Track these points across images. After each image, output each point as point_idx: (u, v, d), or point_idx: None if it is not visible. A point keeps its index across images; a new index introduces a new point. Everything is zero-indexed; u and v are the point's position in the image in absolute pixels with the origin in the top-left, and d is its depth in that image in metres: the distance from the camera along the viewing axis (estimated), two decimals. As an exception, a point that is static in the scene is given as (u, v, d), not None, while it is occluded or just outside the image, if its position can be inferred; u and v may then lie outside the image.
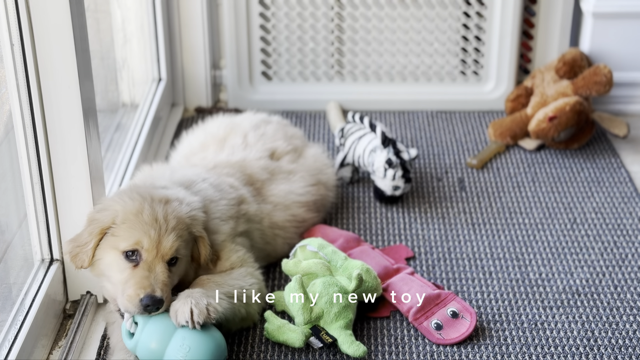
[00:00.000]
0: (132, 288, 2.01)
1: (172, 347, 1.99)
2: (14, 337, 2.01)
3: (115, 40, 2.99)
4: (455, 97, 3.43)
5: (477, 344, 2.21)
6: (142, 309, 2.00)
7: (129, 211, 2.07)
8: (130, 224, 2.05)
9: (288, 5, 3.32)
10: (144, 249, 2.04)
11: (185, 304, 2.01)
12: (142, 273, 2.02)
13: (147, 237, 2.04)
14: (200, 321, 1.99)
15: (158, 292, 2.01)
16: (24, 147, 2.13)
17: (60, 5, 2.01)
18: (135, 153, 2.83)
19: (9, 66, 2.06)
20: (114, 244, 2.06)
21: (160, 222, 2.06)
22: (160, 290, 2.01)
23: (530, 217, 2.74)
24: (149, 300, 1.99)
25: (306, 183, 2.61)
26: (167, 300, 2.03)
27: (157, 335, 2.00)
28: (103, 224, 2.07)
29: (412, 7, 3.32)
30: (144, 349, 2.01)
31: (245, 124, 2.73)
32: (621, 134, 3.10)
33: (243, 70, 3.41)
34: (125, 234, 2.05)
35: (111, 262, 2.07)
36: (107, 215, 2.08)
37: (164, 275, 2.04)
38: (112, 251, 2.06)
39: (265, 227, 2.44)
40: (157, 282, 2.02)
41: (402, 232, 2.68)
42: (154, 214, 2.06)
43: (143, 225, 2.05)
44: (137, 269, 2.03)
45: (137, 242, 2.04)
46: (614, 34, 3.29)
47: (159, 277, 2.03)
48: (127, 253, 2.05)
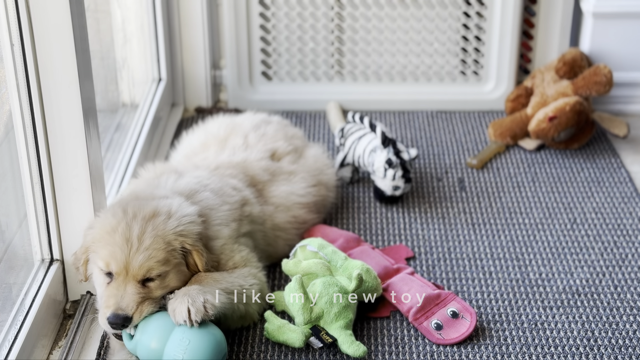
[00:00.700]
0: (102, 306, 2.05)
1: (171, 345, 1.99)
2: (14, 337, 2.01)
3: (115, 40, 2.99)
4: (455, 97, 3.43)
5: (477, 344, 2.21)
6: (110, 327, 2.03)
7: (104, 230, 2.09)
8: (103, 243, 2.07)
9: (288, 5, 3.32)
10: (113, 270, 2.05)
11: (183, 303, 2.01)
12: (110, 291, 2.05)
13: (113, 258, 2.05)
14: (198, 319, 2.00)
15: (121, 311, 2.01)
16: (24, 147, 2.13)
17: (60, 5, 2.01)
18: (135, 153, 2.83)
19: (9, 66, 2.06)
20: (94, 259, 2.10)
21: (133, 241, 2.05)
22: (126, 307, 2.02)
23: (530, 217, 2.74)
24: (112, 319, 2.01)
25: (307, 184, 2.61)
26: (139, 315, 2.03)
27: (157, 334, 2.01)
28: (87, 242, 2.12)
29: (412, 7, 3.32)
30: (144, 348, 2.01)
31: (246, 124, 2.72)
32: (621, 134, 3.10)
33: (243, 70, 3.41)
34: (100, 253, 2.08)
35: (96, 277, 2.12)
36: (91, 233, 2.12)
37: (133, 294, 2.03)
38: (96, 267, 2.10)
39: (267, 228, 2.44)
40: (124, 300, 2.03)
41: (402, 232, 2.68)
42: (126, 233, 2.06)
43: (113, 245, 2.06)
44: (108, 286, 2.06)
45: (107, 263, 2.06)
46: (614, 34, 3.29)
47: (127, 295, 2.03)
48: (103, 270, 2.07)
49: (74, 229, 2.24)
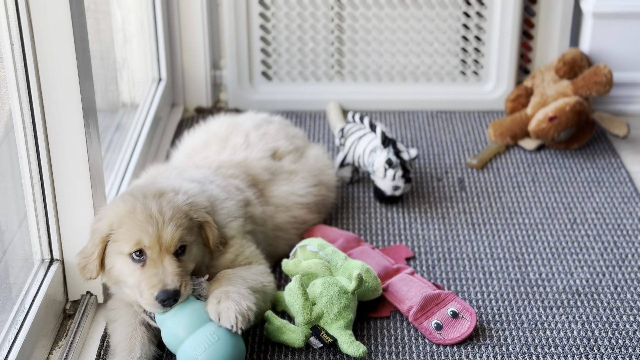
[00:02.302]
0: (145, 289, 2.02)
1: (197, 338, 1.99)
2: (14, 337, 2.01)
3: (115, 40, 2.99)
4: (455, 97, 3.43)
5: (477, 344, 2.21)
6: (161, 306, 2.01)
7: (122, 214, 2.08)
8: (127, 226, 2.06)
9: (288, 5, 3.32)
10: (146, 246, 2.04)
11: (230, 309, 2.01)
12: (149, 271, 2.04)
13: (145, 234, 2.04)
14: (244, 327, 2.01)
15: (170, 285, 2.02)
16: (24, 147, 2.13)
17: (60, 5, 2.01)
18: (135, 153, 2.83)
19: (9, 66, 2.06)
20: (118, 249, 2.07)
21: (156, 216, 2.06)
22: (171, 282, 2.02)
23: (530, 217, 2.74)
24: (163, 296, 2.01)
25: (308, 184, 2.61)
26: (185, 288, 2.04)
27: (186, 323, 2.00)
28: (102, 232, 2.09)
29: (412, 7, 3.32)
30: (169, 331, 2.02)
31: (247, 123, 2.73)
32: (621, 134, 3.10)
33: (243, 70, 3.41)
34: (125, 237, 2.06)
35: (121, 267, 2.08)
36: (104, 223, 2.10)
37: (173, 267, 2.04)
38: (119, 257, 2.08)
39: (268, 229, 2.45)
40: (167, 275, 2.03)
41: (402, 232, 2.68)
42: (147, 210, 2.07)
43: (139, 223, 2.05)
44: (145, 268, 2.04)
45: (138, 242, 2.05)
46: (614, 34, 3.29)
47: (167, 270, 2.03)
48: (133, 255, 2.05)
49: (74, 229, 2.24)
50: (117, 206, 2.10)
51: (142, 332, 2.11)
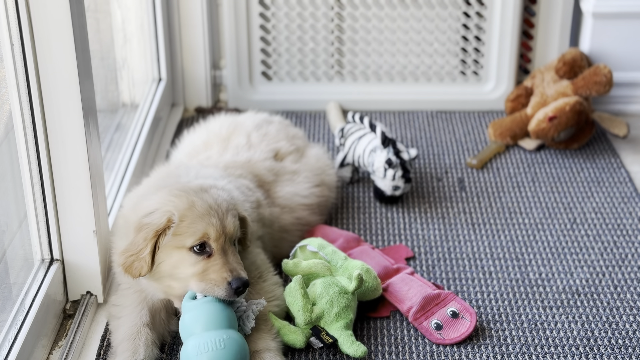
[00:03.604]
0: (215, 274, 2.02)
1: (206, 337, 1.98)
2: (14, 337, 2.01)
3: (115, 40, 2.99)
4: (455, 97, 3.43)
5: (477, 344, 2.21)
6: (233, 293, 2.02)
7: (182, 207, 2.06)
8: (190, 220, 2.04)
9: (288, 5, 3.32)
10: (211, 238, 2.04)
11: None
12: (220, 260, 2.04)
13: (211, 226, 2.04)
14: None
15: (243, 273, 2.04)
16: (24, 147, 2.13)
17: (60, 5, 2.01)
18: (135, 153, 2.83)
19: (9, 66, 2.06)
20: (177, 243, 2.05)
21: (215, 208, 2.07)
22: (241, 272, 2.04)
23: (530, 217, 2.74)
24: (238, 283, 2.02)
25: (310, 184, 2.61)
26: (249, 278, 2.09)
27: (204, 320, 2.00)
28: (158, 226, 2.05)
29: (412, 7, 3.32)
30: (187, 323, 2.02)
31: (248, 123, 2.72)
32: (621, 134, 3.10)
33: (243, 70, 3.41)
34: (189, 230, 2.04)
35: (178, 261, 2.06)
36: (160, 217, 2.06)
37: (237, 258, 2.07)
38: (177, 250, 2.05)
39: (274, 230, 2.44)
40: (236, 265, 2.05)
41: (402, 232, 2.68)
42: (205, 203, 2.07)
43: (202, 216, 2.05)
44: (211, 258, 2.04)
45: (204, 235, 2.04)
46: (613, 34, 3.29)
47: (235, 262, 2.06)
48: (195, 248, 2.05)
49: (74, 229, 2.23)
50: (171, 200, 2.07)
51: (147, 334, 2.10)
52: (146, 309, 2.15)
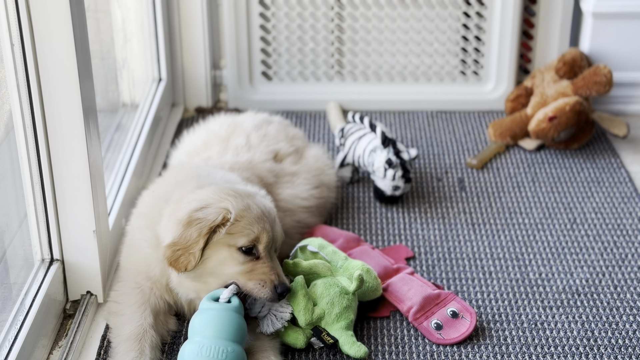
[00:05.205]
0: (264, 275, 2.06)
1: (211, 342, 1.98)
2: (14, 337, 2.01)
3: (115, 40, 2.99)
4: (455, 97, 3.43)
5: (477, 344, 2.21)
6: (277, 296, 2.07)
7: (240, 208, 2.07)
8: (246, 221, 2.06)
9: (288, 5, 3.32)
10: (262, 243, 2.07)
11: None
12: (267, 264, 2.08)
13: (265, 232, 2.08)
14: None
15: (286, 280, 2.11)
16: (24, 147, 2.13)
17: (60, 5, 2.01)
18: (135, 153, 2.83)
19: (9, 66, 2.06)
20: (228, 241, 2.06)
21: (267, 214, 2.11)
22: (284, 278, 2.10)
23: (530, 217, 2.74)
24: (283, 288, 2.08)
25: (309, 186, 2.60)
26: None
27: (214, 325, 2.00)
28: (213, 222, 2.04)
29: (412, 7, 3.32)
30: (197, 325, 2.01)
31: (247, 123, 2.72)
32: (621, 134, 3.10)
33: (243, 70, 3.41)
34: (244, 231, 2.06)
35: (225, 258, 2.06)
36: (215, 213, 2.05)
37: (279, 265, 2.13)
38: (226, 248, 2.06)
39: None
40: (281, 271, 2.11)
41: (402, 232, 2.68)
42: (260, 207, 2.09)
43: (258, 220, 2.07)
44: (259, 261, 2.07)
45: (257, 237, 2.07)
46: (613, 34, 3.29)
47: (279, 268, 2.11)
48: (243, 248, 2.06)
49: (74, 229, 2.23)
50: (227, 199, 2.07)
51: (152, 336, 2.10)
52: (149, 310, 2.15)
